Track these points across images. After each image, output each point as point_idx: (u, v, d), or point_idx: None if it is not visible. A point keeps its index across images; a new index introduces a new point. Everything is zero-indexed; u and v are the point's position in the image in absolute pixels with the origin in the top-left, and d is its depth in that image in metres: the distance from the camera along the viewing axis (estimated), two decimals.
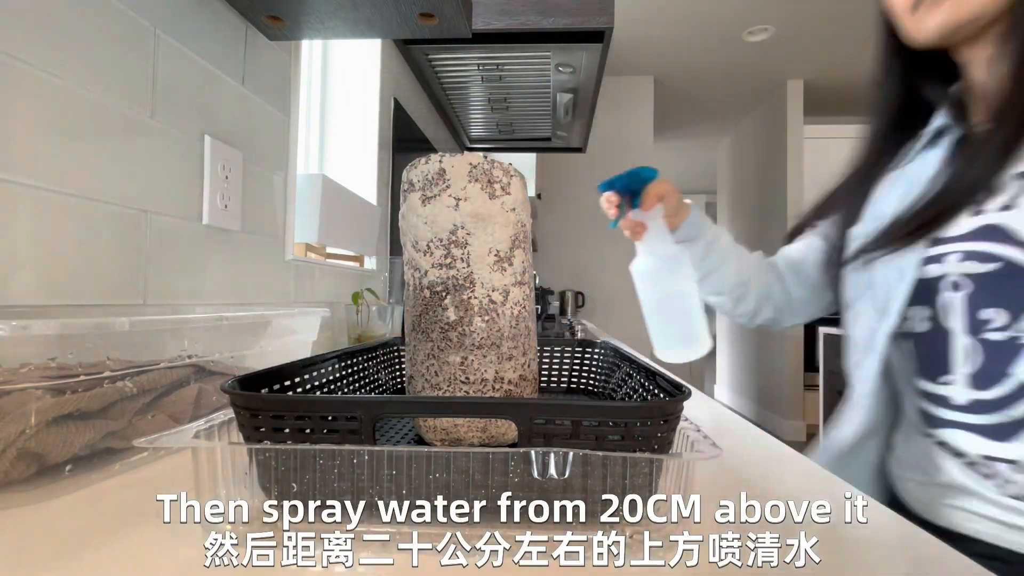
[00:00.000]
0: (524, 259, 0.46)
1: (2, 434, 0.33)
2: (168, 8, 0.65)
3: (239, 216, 0.79)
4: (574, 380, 0.70)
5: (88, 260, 0.55)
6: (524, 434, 0.31)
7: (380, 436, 0.49)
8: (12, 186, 0.47)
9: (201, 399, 0.48)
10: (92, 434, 0.38)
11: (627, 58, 3.42)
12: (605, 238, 3.69)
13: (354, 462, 0.30)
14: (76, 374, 0.37)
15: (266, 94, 0.87)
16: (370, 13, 0.79)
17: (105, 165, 0.57)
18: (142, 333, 0.43)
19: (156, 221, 0.64)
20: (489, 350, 0.44)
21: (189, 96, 0.69)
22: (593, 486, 0.30)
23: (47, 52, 0.50)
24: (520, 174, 0.46)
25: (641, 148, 3.74)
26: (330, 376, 0.50)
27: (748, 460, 0.49)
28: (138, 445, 0.29)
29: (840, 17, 2.89)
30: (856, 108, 4.11)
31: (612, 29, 1.23)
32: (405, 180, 0.45)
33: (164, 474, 0.42)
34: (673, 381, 0.40)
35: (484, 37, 1.31)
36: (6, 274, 0.47)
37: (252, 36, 0.82)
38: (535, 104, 1.78)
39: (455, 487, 0.30)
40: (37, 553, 0.30)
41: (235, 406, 0.32)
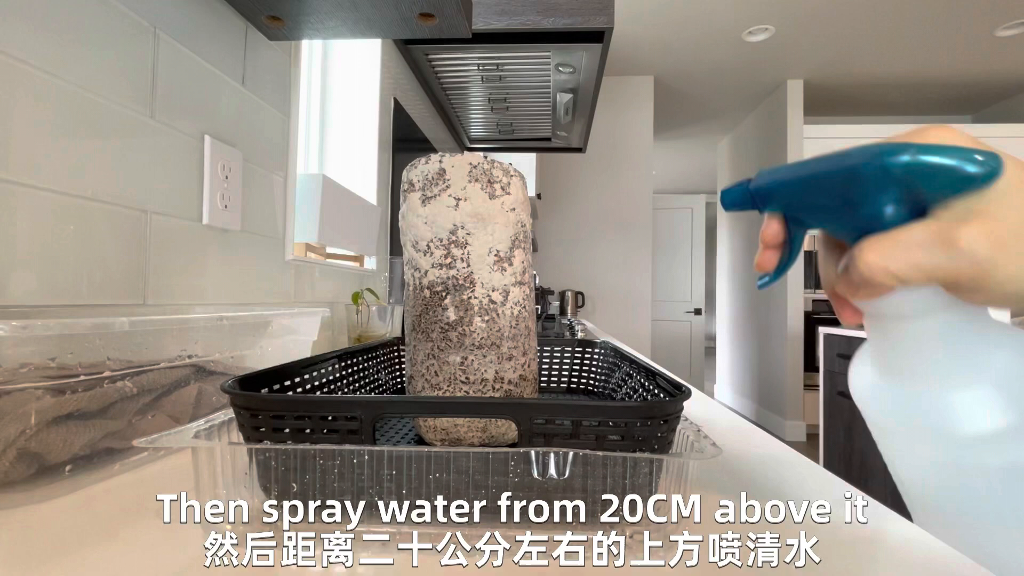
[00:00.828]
0: (524, 259, 0.46)
1: (2, 434, 0.33)
2: (168, 8, 0.65)
3: (239, 216, 0.79)
4: (574, 380, 0.70)
5: (88, 260, 0.55)
6: (524, 434, 0.31)
7: (380, 436, 0.49)
8: (12, 186, 0.47)
9: (201, 399, 0.48)
10: (92, 434, 0.38)
11: (627, 58, 3.42)
12: (605, 238, 3.70)
13: (354, 462, 0.30)
14: (76, 374, 0.37)
15: (266, 94, 0.87)
16: (370, 13, 0.79)
17: (105, 165, 0.57)
18: (142, 333, 0.43)
19: (156, 221, 0.64)
20: (489, 350, 0.44)
21: (189, 96, 0.69)
22: (593, 486, 0.30)
23: (47, 52, 0.50)
24: (520, 174, 0.46)
25: (641, 148, 3.74)
26: (330, 376, 0.50)
27: (748, 460, 0.49)
28: (138, 445, 0.29)
29: (840, 17, 2.89)
30: (856, 108, 4.12)
31: (612, 29, 1.23)
32: (405, 180, 0.45)
33: (164, 474, 0.42)
34: (673, 381, 0.40)
35: (484, 37, 1.31)
36: (6, 274, 0.47)
37: (252, 36, 0.82)
38: (535, 104, 1.78)
39: (455, 487, 0.30)
40: (37, 553, 0.30)
41: (235, 406, 0.32)
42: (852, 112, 4.19)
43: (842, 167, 0.25)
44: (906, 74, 3.56)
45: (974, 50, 3.22)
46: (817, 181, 0.26)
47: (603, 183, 3.73)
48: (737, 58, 3.39)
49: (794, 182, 0.27)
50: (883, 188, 0.24)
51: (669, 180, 6.11)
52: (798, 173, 0.27)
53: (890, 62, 3.40)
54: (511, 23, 1.23)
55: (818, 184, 0.26)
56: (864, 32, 3.05)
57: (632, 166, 3.73)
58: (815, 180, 0.26)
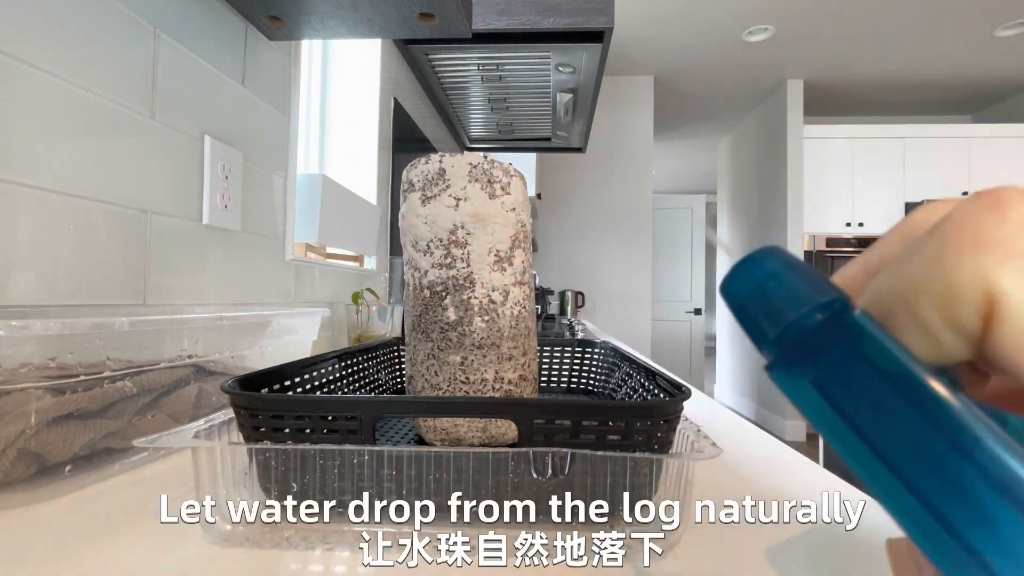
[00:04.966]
0: (524, 259, 0.46)
1: (2, 434, 0.33)
2: (168, 8, 0.65)
3: (239, 216, 0.79)
4: (574, 380, 0.70)
5: (88, 260, 0.55)
6: (524, 434, 0.31)
7: (380, 436, 0.49)
8: (12, 186, 0.47)
9: (201, 399, 0.48)
10: (92, 434, 0.38)
11: (627, 58, 3.42)
12: (605, 238, 3.70)
13: (354, 462, 0.30)
14: (76, 374, 0.37)
15: (266, 94, 0.87)
16: (370, 13, 0.79)
17: (105, 165, 0.57)
18: (142, 333, 0.43)
19: (156, 221, 0.64)
20: (489, 350, 0.44)
21: (189, 96, 0.69)
22: (593, 486, 0.30)
23: (47, 52, 0.50)
24: (520, 174, 0.46)
25: (641, 148, 3.74)
26: (330, 376, 0.50)
27: (748, 460, 0.49)
28: (138, 445, 0.29)
29: (840, 17, 2.89)
30: (856, 108, 4.12)
31: (612, 29, 1.23)
32: (405, 180, 0.45)
33: (164, 474, 0.42)
34: (673, 381, 0.40)
35: (484, 37, 1.31)
36: (6, 274, 0.47)
37: (252, 36, 0.82)
38: (535, 104, 1.78)
39: (455, 487, 0.30)
40: (37, 553, 0.30)
41: (235, 406, 0.32)
42: (852, 112, 4.19)
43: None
44: (906, 74, 3.56)
45: (974, 50, 3.22)
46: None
47: (603, 183, 3.73)
48: (737, 58, 3.39)
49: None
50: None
51: (669, 180, 6.11)
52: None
53: (890, 62, 3.40)
54: (511, 23, 1.23)
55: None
56: (864, 32, 3.05)
57: (632, 166, 3.73)
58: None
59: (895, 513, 0.13)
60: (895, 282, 0.14)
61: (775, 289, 0.15)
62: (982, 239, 0.12)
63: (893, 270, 0.14)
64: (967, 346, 0.13)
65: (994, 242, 0.12)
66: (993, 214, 0.12)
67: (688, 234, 5.17)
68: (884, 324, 0.14)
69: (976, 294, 0.12)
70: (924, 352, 0.14)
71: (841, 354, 0.14)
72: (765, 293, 0.15)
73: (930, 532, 0.12)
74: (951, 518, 0.12)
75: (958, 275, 0.13)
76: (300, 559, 0.29)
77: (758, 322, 0.15)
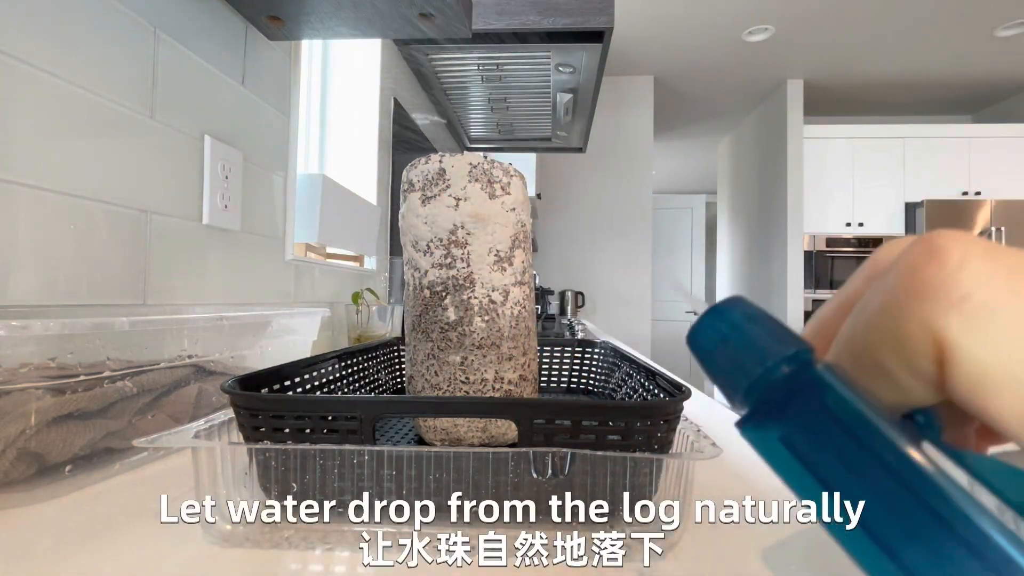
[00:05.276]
0: (524, 259, 0.46)
1: (2, 434, 0.33)
2: (168, 8, 0.65)
3: (239, 216, 0.79)
4: (574, 380, 0.70)
5: (88, 260, 0.55)
6: (524, 434, 0.31)
7: (380, 436, 0.49)
8: (12, 186, 0.47)
9: (201, 399, 0.48)
10: (92, 434, 0.38)
11: (627, 58, 3.42)
12: (605, 238, 3.70)
13: (354, 462, 0.30)
14: (76, 374, 0.37)
15: (266, 94, 0.87)
16: (370, 13, 0.79)
17: (105, 165, 0.57)
18: (142, 333, 0.43)
19: (156, 221, 0.63)
20: (489, 350, 0.44)
21: (189, 96, 0.69)
22: (593, 486, 0.30)
23: (47, 52, 0.50)
24: (520, 174, 0.46)
25: (641, 148, 3.74)
26: (330, 376, 0.50)
27: (748, 460, 0.49)
28: (138, 445, 0.29)
29: (840, 17, 2.89)
30: (856, 108, 4.12)
31: (612, 29, 1.23)
32: (405, 180, 0.45)
33: (164, 474, 0.42)
34: (673, 381, 0.40)
35: (484, 37, 1.31)
36: (6, 274, 0.47)
37: (252, 36, 0.82)
38: (535, 104, 1.78)
39: (455, 487, 0.30)
40: (37, 553, 0.30)
41: (235, 406, 0.32)
42: (852, 112, 4.19)
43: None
44: (906, 74, 3.56)
45: (974, 50, 3.22)
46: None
47: (603, 183, 3.73)
48: (737, 58, 3.39)
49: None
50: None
51: (669, 180, 6.11)
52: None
53: (890, 62, 3.40)
54: (511, 23, 1.23)
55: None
56: (864, 32, 3.05)
57: (632, 166, 3.73)
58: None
59: (867, 567, 0.15)
60: (857, 330, 0.14)
61: (739, 342, 0.15)
62: (924, 289, 0.13)
63: (856, 315, 0.15)
64: (931, 390, 0.13)
65: (934, 290, 0.13)
66: (930, 261, 0.13)
67: (688, 234, 5.18)
68: (855, 370, 0.14)
69: (926, 343, 0.13)
70: (893, 397, 0.14)
71: (805, 408, 0.14)
72: (730, 346, 0.15)
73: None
74: (912, 563, 0.13)
75: (906, 327, 0.13)
76: (300, 559, 0.29)
77: (726, 375, 0.15)
